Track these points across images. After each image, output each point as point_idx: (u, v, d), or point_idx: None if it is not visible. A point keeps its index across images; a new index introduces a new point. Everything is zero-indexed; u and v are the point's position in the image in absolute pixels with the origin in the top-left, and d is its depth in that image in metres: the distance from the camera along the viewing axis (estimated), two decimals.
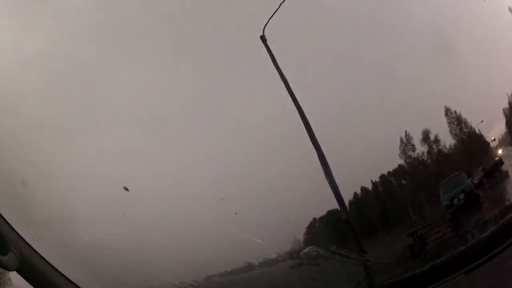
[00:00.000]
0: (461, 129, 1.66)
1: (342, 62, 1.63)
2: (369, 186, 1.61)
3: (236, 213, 1.56)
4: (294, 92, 1.57)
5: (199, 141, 1.59)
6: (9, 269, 1.49)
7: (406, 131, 1.64)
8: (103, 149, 1.59)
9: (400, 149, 1.64)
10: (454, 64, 1.68)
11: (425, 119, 1.65)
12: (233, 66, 1.61)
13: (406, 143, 1.66)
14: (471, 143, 1.67)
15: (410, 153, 1.65)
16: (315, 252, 1.62)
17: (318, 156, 1.58)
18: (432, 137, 1.66)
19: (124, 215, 1.58)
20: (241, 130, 1.60)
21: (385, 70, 1.65)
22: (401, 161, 1.64)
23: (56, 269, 1.55)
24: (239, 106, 1.60)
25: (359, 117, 1.63)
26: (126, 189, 1.55)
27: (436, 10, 1.71)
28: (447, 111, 1.65)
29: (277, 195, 1.57)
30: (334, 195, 1.57)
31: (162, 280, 1.61)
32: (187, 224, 1.58)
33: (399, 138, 1.64)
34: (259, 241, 1.59)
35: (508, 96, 1.67)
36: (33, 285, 1.53)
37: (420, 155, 1.64)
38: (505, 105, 1.67)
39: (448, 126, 1.65)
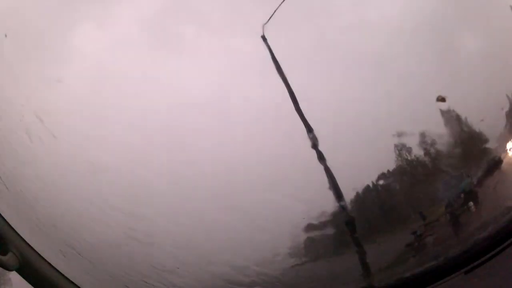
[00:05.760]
0: (461, 129, 1.66)
1: (343, 62, 1.63)
2: (370, 185, 1.61)
3: (235, 213, 1.56)
4: (295, 92, 1.57)
5: (198, 140, 1.59)
6: (9, 269, 1.49)
7: (406, 131, 1.64)
8: (104, 148, 1.59)
9: (399, 148, 1.64)
10: (454, 63, 1.68)
11: (424, 119, 1.65)
12: (232, 66, 1.61)
13: (406, 143, 1.66)
14: (471, 142, 1.67)
15: (409, 152, 1.65)
16: (315, 252, 1.62)
17: (318, 156, 1.58)
18: (431, 137, 1.66)
19: (124, 215, 1.58)
20: (240, 130, 1.60)
21: (386, 69, 1.65)
22: (401, 161, 1.64)
23: (56, 269, 1.55)
24: (239, 106, 1.60)
25: (360, 117, 1.63)
26: (126, 189, 1.56)
27: (436, 7, 1.71)
28: (447, 110, 1.65)
29: (277, 195, 1.57)
30: (334, 194, 1.57)
31: (162, 280, 1.62)
32: (185, 223, 1.58)
33: (398, 138, 1.64)
34: (259, 240, 1.59)
35: (509, 96, 1.67)
36: (33, 285, 1.53)
37: (420, 154, 1.64)
38: (505, 105, 1.67)
39: (448, 125, 1.65)
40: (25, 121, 1.62)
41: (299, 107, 1.58)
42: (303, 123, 1.57)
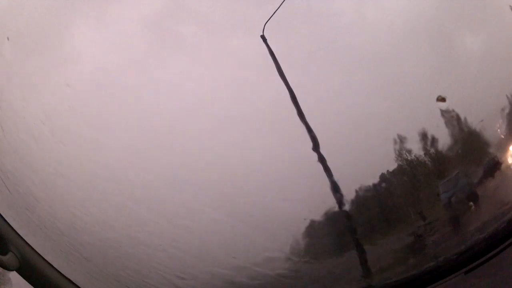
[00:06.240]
0: (461, 129, 1.66)
1: (343, 62, 1.63)
2: (370, 185, 1.61)
3: (235, 212, 1.56)
4: (295, 92, 1.57)
5: (197, 141, 1.59)
6: (9, 269, 1.49)
7: (406, 131, 1.64)
8: (105, 150, 1.59)
9: (399, 148, 1.64)
10: (454, 63, 1.68)
11: (424, 119, 1.65)
12: (232, 66, 1.61)
13: (406, 143, 1.66)
14: (471, 143, 1.67)
15: (409, 153, 1.65)
16: (315, 252, 1.62)
17: (318, 156, 1.58)
18: (431, 137, 1.66)
19: (125, 215, 1.58)
20: (240, 130, 1.60)
21: (386, 69, 1.65)
22: (401, 161, 1.64)
23: (56, 269, 1.55)
24: (238, 106, 1.60)
25: (360, 117, 1.63)
26: (128, 190, 1.56)
27: (436, 7, 1.71)
28: (447, 110, 1.65)
29: (277, 196, 1.57)
30: (334, 194, 1.57)
31: (163, 281, 1.62)
32: (186, 226, 1.58)
33: (398, 138, 1.64)
34: (259, 241, 1.59)
35: (508, 97, 1.67)
36: (33, 285, 1.53)
37: (419, 154, 1.64)
38: (506, 105, 1.67)
39: (448, 125, 1.65)
40: (27, 123, 1.63)
41: (299, 107, 1.58)
42: (303, 124, 1.57)
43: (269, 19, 1.61)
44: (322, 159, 1.57)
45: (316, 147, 1.57)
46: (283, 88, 1.58)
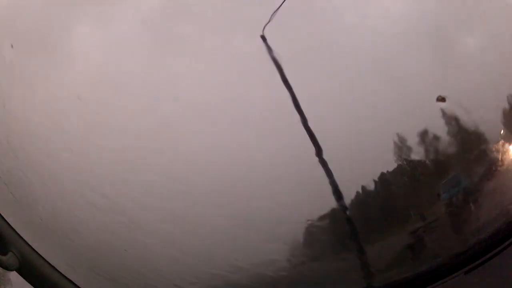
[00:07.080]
0: (461, 129, 1.66)
1: (343, 62, 1.62)
2: (370, 185, 1.61)
3: (236, 214, 1.56)
4: (295, 92, 1.57)
5: (197, 141, 1.59)
6: (9, 269, 1.49)
7: (405, 131, 1.64)
8: (107, 151, 1.59)
9: (399, 149, 1.64)
10: (454, 63, 1.68)
11: (423, 119, 1.65)
12: (233, 67, 1.61)
13: (406, 143, 1.66)
14: (471, 142, 1.67)
15: (409, 153, 1.65)
16: (315, 253, 1.62)
17: (318, 156, 1.58)
18: (431, 137, 1.65)
19: (128, 218, 1.58)
20: (239, 130, 1.60)
21: (386, 69, 1.64)
22: (401, 161, 1.64)
23: (56, 269, 1.56)
24: (238, 106, 1.59)
25: (360, 117, 1.62)
26: (131, 193, 1.56)
27: (436, 7, 1.71)
28: (447, 110, 1.65)
29: (277, 196, 1.57)
30: (334, 195, 1.57)
31: (164, 281, 1.62)
32: (187, 227, 1.59)
33: (398, 138, 1.64)
34: (259, 242, 1.59)
35: (508, 96, 1.67)
36: (33, 285, 1.53)
37: (419, 155, 1.64)
38: (505, 104, 1.67)
39: (448, 125, 1.65)
40: (29, 125, 1.63)
41: (300, 109, 1.58)
42: (304, 127, 1.57)
43: (269, 19, 1.60)
44: (323, 161, 1.57)
45: (318, 151, 1.57)
46: (284, 90, 1.58)
